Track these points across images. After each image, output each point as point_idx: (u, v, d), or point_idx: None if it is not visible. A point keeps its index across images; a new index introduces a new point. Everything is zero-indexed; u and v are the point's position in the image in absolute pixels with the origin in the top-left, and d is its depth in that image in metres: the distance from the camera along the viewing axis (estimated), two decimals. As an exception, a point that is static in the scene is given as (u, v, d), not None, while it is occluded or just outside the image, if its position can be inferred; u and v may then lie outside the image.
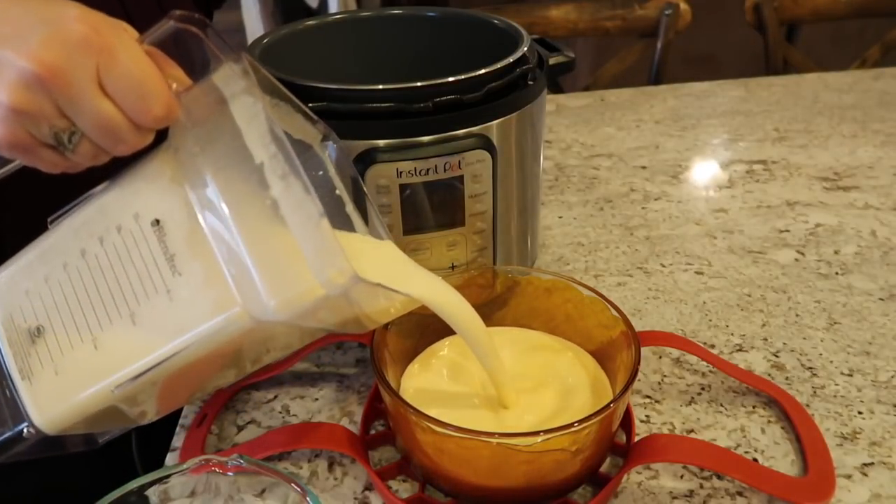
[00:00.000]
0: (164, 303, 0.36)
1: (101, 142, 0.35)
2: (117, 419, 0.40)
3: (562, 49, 0.58)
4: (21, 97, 0.32)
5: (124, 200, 0.38)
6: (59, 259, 0.39)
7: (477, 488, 0.43)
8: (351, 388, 0.54)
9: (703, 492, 0.45)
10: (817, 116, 0.98)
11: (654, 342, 0.53)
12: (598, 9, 1.23)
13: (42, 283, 0.39)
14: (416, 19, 0.63)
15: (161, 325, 0.36)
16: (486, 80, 0.49)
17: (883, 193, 0.79)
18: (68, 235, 0.39)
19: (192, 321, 0.36)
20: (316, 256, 0.33)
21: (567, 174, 0.85)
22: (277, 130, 0.34)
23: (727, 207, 0.77)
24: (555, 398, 0.47)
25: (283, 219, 0.33)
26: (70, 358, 0.38)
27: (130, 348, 0.37)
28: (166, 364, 0.36)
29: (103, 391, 0.37)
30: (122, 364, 0.37)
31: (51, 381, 0.38)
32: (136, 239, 0.37)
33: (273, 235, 0.34)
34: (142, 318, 0.37)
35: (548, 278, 0.52)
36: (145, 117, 0.34)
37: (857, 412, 0.51)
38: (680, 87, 1.10)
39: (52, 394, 0.38)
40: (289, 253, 0.34)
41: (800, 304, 0.62)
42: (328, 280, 0.33)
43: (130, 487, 0.36)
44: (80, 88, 0.33)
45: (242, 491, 0.38)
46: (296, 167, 0.33)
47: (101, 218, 0.38)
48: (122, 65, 0.33)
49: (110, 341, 0.37)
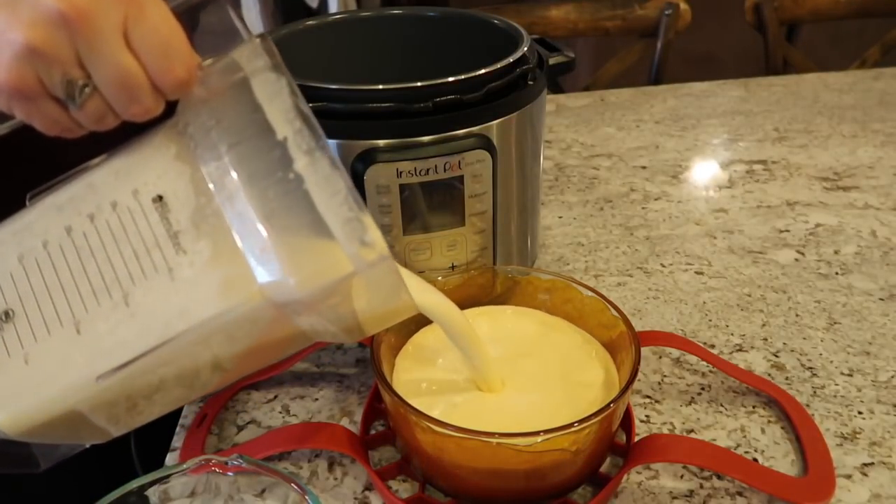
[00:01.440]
0: (165, 283, 0.34)
1: (115, 98, 0.33)
2: (80, 429, 0.36)
3: (562, 49, 0.58)
4: (41, 35, 0.30)
5: (121, 177, 0.36)
6: (37, 237, 0.36)
7: (477, 488, 0.43)
8: (351, 388, 0.54)
9: (703, 492, 0.45)
10: (817, 116, 0.98)
11: (654, 342, 0.53)
12: (598, 9, 1.23)
13: (14, 262, 0.35)
14: (416, 19, 0.63)
15: (159, 307, 0.33)
16: (486, 80, 0.49)
17: (883, 193, 0.79)
18: (50, 212, 0.36)
19: (196, 302, 0.33)
20: (344, 230, 0.32)
21: (567, 174, 0.85)
22: (303, 106, 0.34)
23: (727, 207, 0.77)
24: (557, 380, 0.48)
25: (307, 193, 0.32)
26: (46, 345, 0.34)
27: (121, 333, 0.34)
28: (159, 352, 0.33)
29: (84, 382, 0.34)
30: (109, 351, 0.34)
31: (19, 372, 0.34)
32: (133, 216, 0.35)
33: (295, 211, 0.33)
34: (137, 300, 0.34)
35: (548, 278, 0.52)
36: (167, 77, 0.33)
37: (857, 412, 0.51)
38: (680, 87, 1.10)
39: (19, 386, 0.34)
40: (312, 229, 0.32)
41: (800, 304, 0.62)
42: (357, 254, 0.32)
43: (130, 487, 0.36)
44: (105, 36, 0.31)
45: (242, 491, 0.38)
46: (322, 142, 0.33)
47: (91, 194, 0.36)
48: (150, 20, 0.32)
49: (97, 325, 0.34)
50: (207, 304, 0.33)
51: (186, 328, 0.33)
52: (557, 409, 0.45)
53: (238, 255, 0.33)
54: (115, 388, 0.34)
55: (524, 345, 0.50)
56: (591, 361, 0.49)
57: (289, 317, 0.35)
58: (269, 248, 0.33)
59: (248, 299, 0.33)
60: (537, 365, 0.49)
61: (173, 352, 0.34)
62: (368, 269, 0.32)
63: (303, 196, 0.32)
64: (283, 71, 0.35)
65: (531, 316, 0.53)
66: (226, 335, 0.35)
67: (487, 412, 0.45)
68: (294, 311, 0.34)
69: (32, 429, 0.34)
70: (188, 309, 0.33)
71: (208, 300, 0.33)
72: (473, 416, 0.44)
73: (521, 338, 0.51)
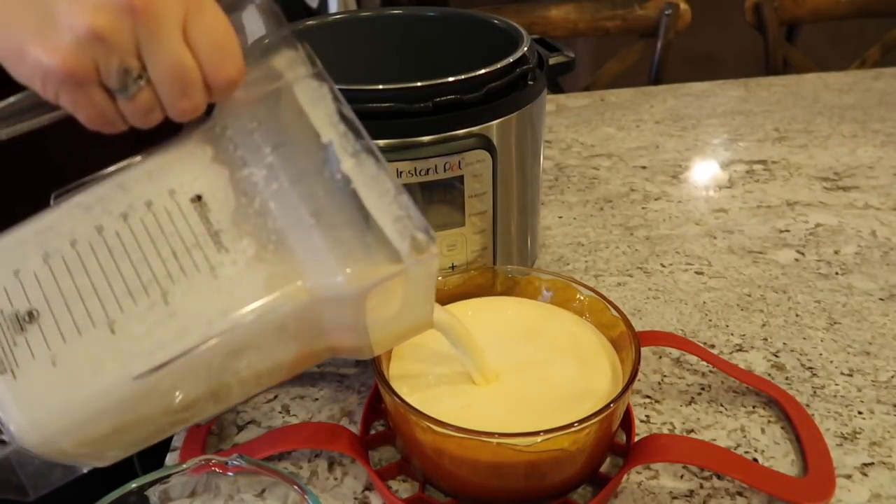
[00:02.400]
0: (207, 281, 0.33)
1: (168, 91, 0.33)
2: (101, 441, 0.35)
3: (562, 49, 0.58)
4: (106, 21, 0.30)
5: (154, 177, 0.35)
6: (64, 237, 0.35)
7: (477, 488, 0.43)
8: (351, 388, 0.54)
9: (703, 492, 0.45)
10: (817, 116, 0.98)
11: (654, 342, 0.53)
12: (598, 9, 1.23)
13: (38, 262, 0.34)
14: (416, 19, 0.63)
15: (201, 305, 0.33)
16: (486, 80, 0.49)
17: (883, 193, 0.79)
18: (77, 212, 0.35)
19: (239, 301, 0.33)
20: (395, 227, 0.32)
21: (567, 174, 0.85)
22: (347, 112, 0.34)
23: (727, 207, 0.77)
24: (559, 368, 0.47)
25: (355, 192, 0.33)
26: (76, 346, 0.33)
27: (159, 333, 0.33)
28: (199, 352, 0.32)
29: (119, 383, 0.32)
30: (147, 351, 0.32)
31: (45, 374, 0.32)
32: (171, 215, 0.34)
33: (344, 209, 0.33)
34: (177, 299, 0.33)
35: (548, 278, 0.52)
36: (220, 75, 0.33)
37: (857, 412, 0.51)
38: (680, 87, 1.10)
39: (45, 389, 0.32)
40: (361, 226, 0.33)
41: (800, 304, 0.62)
42: (408, 251, 0.32)
43: (130, 487, 0.36)
44: (167, 28, 0.31)
45: (242, 491, 0.38)
46: (368, 145, 0.33)
47: (122, 195, 0.35)
48: (208, 18, 0.32)
49: (133, 325, 0.33)
50: (252, 301, 0.33)
51: (230, 326, 0.33)
52: (560, 398, 0.45)
53: (284, 253, 0.33)
54: (150, 392, 0.33)
55: (528, 334, 0.50)
56: (598, 355, 0.48)
57: (322, 324, 0.35)
58: (317, 245, 0.33)
59: (295, 296, 0.33)
60: (542, 355, 0.48)
61: (213, 353, 0.33)
62: (417, 267, 0.33)
63: (351, 195, 0.33)
64: (325, 78, 0.35)
65: (539, 307, 0.52)
66: (266, 337, 0.34)
67: (488, 405, 0.45)
68: (333, 314, 0.34)
69: (54, 436, 0.33)
70: (232, 307, 0.33)
71: (253, 298, 0.33)
72: (474, 411, 0.44)
73: (527, 327, 0.51)
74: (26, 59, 0.31)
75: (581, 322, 0.51)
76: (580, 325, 0.50)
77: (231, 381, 0.36)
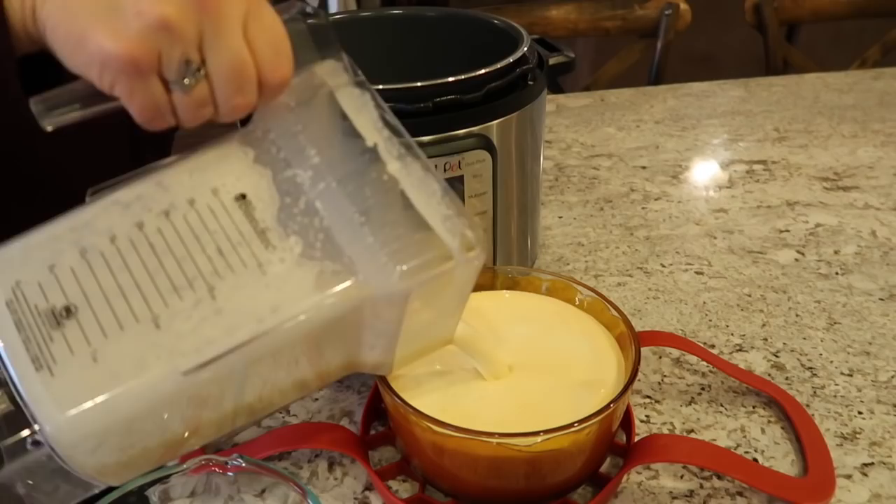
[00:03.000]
0: (255, 278, 0.33)
1: (225, 85, 0.33)
2: (138, 445, 0.33)
3: (562, 49, 0.58)
4: (176, 11, 0.31)
5: (195, 177, 0.35)
6: (101, 233, 0.34)
7: (477, 488, 0.43)
8: (351, 388, 0.54)
9: (703, 492, 0.45)
10: (817, 116, 0.98)
11: (654, 342, 0.53)
12: (598, 9, 1.23)
13: (75, 257, 0.33)
14: (416, 19, 0.63)
15: (249, 302, 0.32)
16: (486, 80, 0.49)
17: (883, 193, 0.79)
18: (114, 210, 0.34)
19: (289, 297, 0.32)
20: (445, 226, 0.33)
21: (567, 174, 0.85)
22: (390, 118, 0.35)
23: (727, 207, 0.77)
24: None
25: (402, 193, 0.33)
26: (118, 341, 0.31)
27: (207, 329, 0.32)
28: (246, 350, 0.32)
29: (166, 378, 0.31)
30: (195, 347, 0.31)
31: (85, 370, 0.31)
32: (215, 212, 0.34)
33: (393, 208, 0.33)
34: (224, 295, 0.32)
35: (548, 278, 0.52)
36: (275, 74, 0.34)
37: (857, 412, 0.51)
38: (680, 87, 1.10)
39: (87, 385, 0.31)
40: (411, 225, 0.33)
41: (800, 304, 0.62)
42: (459, 249, 0.33)
43: (130, 487, 0.36)
44: (231, 23, 0.32)
45: (242, 491, 0.38)
46: (412, 148, 0.34)
47: (162, 193, 0.35)
48: (266, 18, 0.33)
49: (179, 321, 0.32)
50: (302, 298, 0.33)
51: (280, 323, 0.32)
52: (564, 397, 0.44)
53: (332, 251, 0.33)
54: (193, 392, 0.32)
55: (537, 330, 0.50)
56: (605, 352, 0.48)
57: (360, 330, 0.35)
58: (368, 243, 0.33)
59: (346, 295, 0.33)
60: (547, 352, 0.48)
61: (260, 351, 0.32)
62: (465, 265, 0.33)
63: (399, 195, 0.33)
64: (367, 87, 0.36)
65: (550, 302, 0.52)
66: (311, 339, 0.34)
67: (491, 403, 0.44)
68: (375, 318, 0.34)
69: (91, 437, 0.31)
70: (282, 304, 0.32)
71: (303, 295, 0.33)
72: (477, 408, 0.44)
73: (535, 321, 0.50)
74: (87, 45, 0.31)
75: (588, 317, 0.50)
76: (588, 321, 0.50)
77: (265, 389, 0.36)
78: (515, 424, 0.40)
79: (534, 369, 0.46)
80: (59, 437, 0.30)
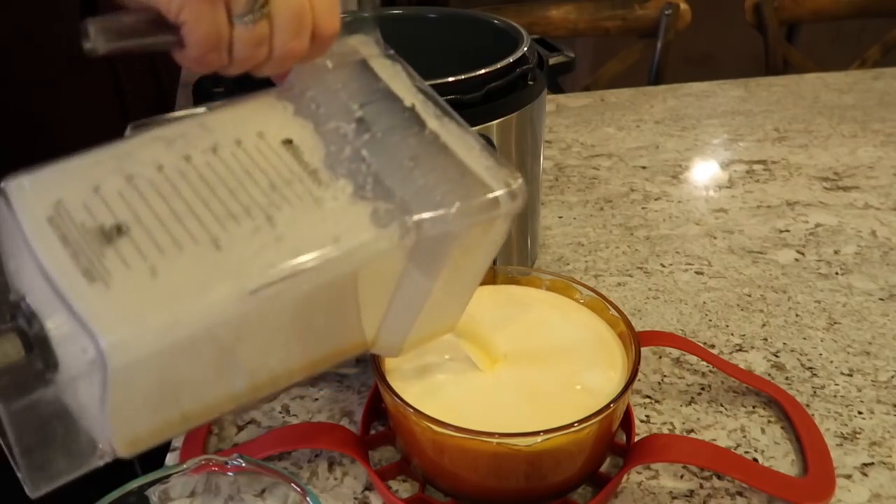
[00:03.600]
0: (312, 210, 0.32)
1: (285, 28, 0.34)
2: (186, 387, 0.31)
3: (562, 49, 0.58)
4: None
5: (238, 123, 0.35)
6: (146, 164, 0.32)
7: (477, 488, 0.43)
8: (351, 388, 0.54)
9: (703, 492, 0.45)
10: (817, 116, 0.98)
11: (654, 342, 0.53)
12: (598, 9, 1.23)
13: (122, 182, 0.31)
14: (416, 19, 0.63)
15: (310, 231, 0.32)
16: (486, 80, 0.49)
17: (883, 193, 0.79)
18: (157, 144, 0.33)
19: (348, 230, 0.32)
20: (489, 173, 0.35)
21: (567, 174, 0.85)
22: (422, 86, 0.36)
23: (727, 207, 0.78)
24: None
25: (445, 146, 0.35)
26: (176, 258, 0.29)
27: (269, 254, 0.31)
28: (310, 276, 0.31)
29: (232, 297, 0.29)
30: (259, 266, 0.30)
31: (144, 284, 0.28)
32: (263, 152, 0.34)
33: (439, 157, 0.35)
34: (283, 223, 0.32)
35: (548, 278, 0.52)
36: (327, 26, 0.35)
37: (857, 412, 0.51)
38: (680, 87, 1.10)
39: (147, 300, 0.28)
40: (457, 171, 0.35)
41: (800, 304, 0.62)
42: (504, 192, 0.34)
43: (130, 487, 0.36)
44: None
45: (242, 491, 0.38)
46: (449, 112, 0.36)
47: (207, 133, 0.34)
48: None
49: (238, 245, 0.30)
50: (361, 232, 0.33)
51: (343, 252, 0.32)
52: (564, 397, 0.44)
53: (384, 193, 0.34)
54: (255, 319, 0.31)
55: (537, 323, 0.50)
56: (608, 348, 0.48)
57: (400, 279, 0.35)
58: (420, 184, 0.34)
59: (402, 230, 0.33)
60: (548, 345, 0.48)
61: (322, 280, 0.32)
62: (510, 211, 0.35)
63: (443, 146, 0.35)
64: (398, 59, 0.38)
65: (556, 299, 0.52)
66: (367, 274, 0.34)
67: (490, 398, 0.44)
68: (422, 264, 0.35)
69: (149, 358, 0.28)
70: (342, 235, 0.32)
71: (362, 229, 0.33)
72: (476, 404, 0.44)
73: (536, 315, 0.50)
74: None
75: (591, 314, 0.50)
76: (591, 317, 0.50)
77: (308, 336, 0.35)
78: (516, 424, 0.40)
79: (534, 364, 0.46)
80: (115, 355, 0.27)
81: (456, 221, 0.34)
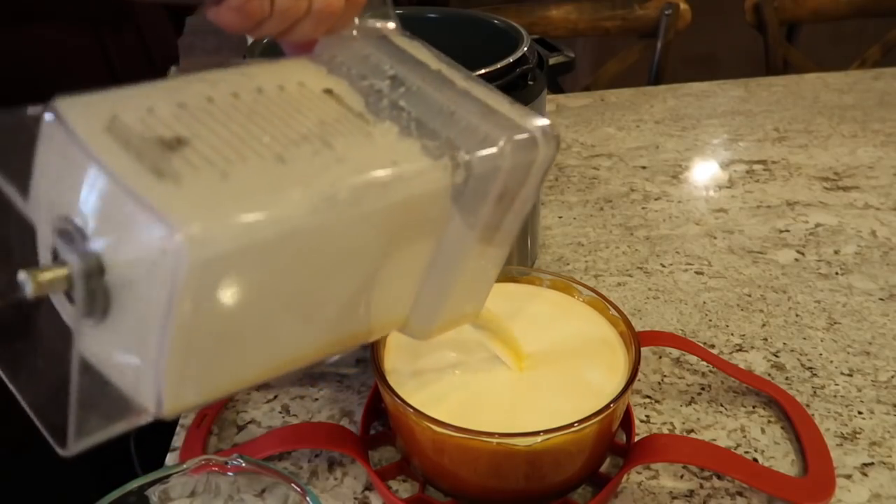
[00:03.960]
0: (365, 141, 0.33)
1: None
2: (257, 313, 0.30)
3: (562, 49, 0.58)
4: None
5: (279, 72, 0.35)
6: (197, 95, 0.31)
7: (477, 488, 0.43)
8: (351, 388, 0.54)
9: (703, 492, 0.45)
10: (817, 116, 0.98)
11: (654, 342, 0.53)
12: (598, 9, 1.23)
13: (174, 108, 0.30)
14: (416, 19, 0.63)
15: (368, 156, 0.32)
16: (486, 80, 0.49)
17: (883, 193, 0.79)
18: (201, 83, 0.32)
19: (404, 158, 0.33)
20: (525, 119, 0.36)
21: (567, 174, 0.85)
22: (444, 58, 0.38)
23: (727, 207, 0.78)
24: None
25: (478, 98, 0.36)
26: (244, 166, 0.29)
27: (333, 171, 0.30)
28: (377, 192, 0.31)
29: (305, 201, 0.29)
30: (327, 179, 0.30)
31: (215, 185, 0.27)
32: (307, 97, 0.34)
33: (475, 106, 0.36)
34: (339, 147, 0.32)
35: (548, 278, 0.52)
36: None
37: (857, 412, 0.51)
38: (680, 87, 1.10)
39: (220, 196, 0.27)
40: (495, 118, 0.36)
41: (800, 304, 0.62)
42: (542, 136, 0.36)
43: (130, 487, 0.36)
44: None
45: (242, 491, 0.38)
46: (474, 77, 0.37)
47: (247, 80, 0.33)
48: None
49: (301, 162, 0.30)
50: (416, 160, 0.33)
51: (403, 174, 0.32)
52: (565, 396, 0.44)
53: (428, 133, 0.34)
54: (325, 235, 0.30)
55: (543, 323, 0.50)
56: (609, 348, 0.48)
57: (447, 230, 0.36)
58: (462, 125, 0.35)
59: (453, 163, 0.34)
60: (554, 345, 0.48)
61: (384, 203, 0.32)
62: (549, 149, 0.36)
63: (476, 99, 0.36)
64: (417, 38, 0.39)
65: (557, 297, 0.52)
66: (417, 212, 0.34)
67: (490, 402, 0.44)
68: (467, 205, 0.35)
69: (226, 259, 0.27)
70: (399, 161, 0.32)
71: (416, 158, 0.33)
72: (475, 407, 0.44)
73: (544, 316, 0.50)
74: None
75: (592, 313, 0.50)
76: (594, 316, 0.50)
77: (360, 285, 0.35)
78: (515, 423, 0.40)
79: (534, 364, 0.46)
80: (193, 249, 0.25)
81: (503, 157, 0.35)
